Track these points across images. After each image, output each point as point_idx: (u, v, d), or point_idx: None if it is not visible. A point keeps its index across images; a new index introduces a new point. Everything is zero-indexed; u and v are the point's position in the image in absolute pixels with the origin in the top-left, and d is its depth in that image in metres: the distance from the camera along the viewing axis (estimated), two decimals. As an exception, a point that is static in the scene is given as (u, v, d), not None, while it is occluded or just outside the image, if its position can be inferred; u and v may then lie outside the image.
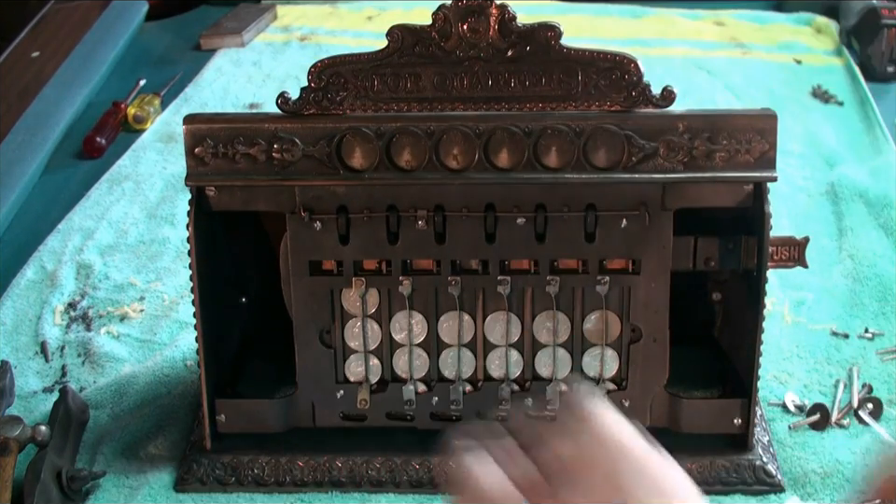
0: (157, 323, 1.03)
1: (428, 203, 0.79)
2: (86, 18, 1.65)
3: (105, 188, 1.26)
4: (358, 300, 0.81)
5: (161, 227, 1.18)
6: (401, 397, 0.83)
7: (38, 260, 1.13)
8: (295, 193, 0.79)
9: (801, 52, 1.58)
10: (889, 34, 1.47)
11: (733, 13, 1.72)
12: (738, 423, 0.83)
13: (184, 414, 0.90)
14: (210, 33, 1.66)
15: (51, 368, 0.97)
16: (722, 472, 0.82)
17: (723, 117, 0.77)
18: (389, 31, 0.77)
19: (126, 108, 1.42)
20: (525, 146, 0.77)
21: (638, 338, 0.82)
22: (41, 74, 1.48)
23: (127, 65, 1.60)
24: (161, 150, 1.35)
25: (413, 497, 0.82)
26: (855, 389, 0.91)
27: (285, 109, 0.78)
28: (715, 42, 1.64)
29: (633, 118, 0.77)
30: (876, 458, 0.83)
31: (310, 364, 0.83)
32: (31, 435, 0.81)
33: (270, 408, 0.84)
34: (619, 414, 0.55)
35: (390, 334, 0.82)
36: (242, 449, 0.84)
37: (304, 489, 0.82)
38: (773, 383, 0.92)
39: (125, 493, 0.82)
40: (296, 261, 0.81)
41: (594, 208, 0.78)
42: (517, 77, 0.77)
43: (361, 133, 0.77)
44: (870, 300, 1.03)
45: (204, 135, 0.78)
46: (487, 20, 0.75)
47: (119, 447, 0.86)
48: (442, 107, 0.78)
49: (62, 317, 1.04)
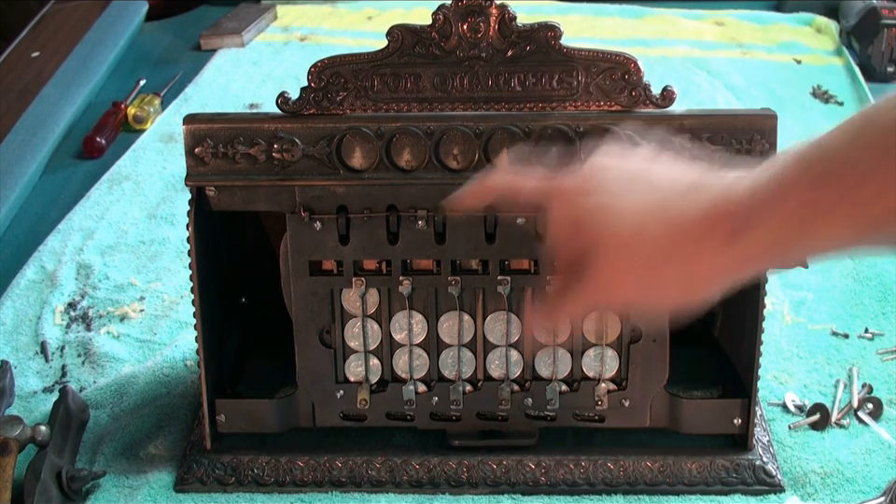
0: (157, 323, 1.03)
1: (428, 203, 0.79)
2: (86, 18, 1.65)
3: (105, 188, 1.26)
4: (358, 300, 0.81)
5: (161, 227, 1.18)
6: (401, 397, 0.83)
7: (38, 260, 1.13)
8: (295, 193, 0.79)
9: (801, 52, 1.58)
10: (889, 34, 1.47)
11: (733, 13, 1.72)
12: (738, 423, 0.83)
13: (184, 414, 0.90)
14: (210, 33, 1.66)
15: (51, 368, 0.97)
16: (722, 472, 0.82)
17: (723, 117, 0.77)
18: (389, 31, 0.77)
19: (126, 108, 1.42)
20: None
21: (638, 338, 0.82)
22: (41, 74, 1.48)
23: (127, 65, 1.60)
24: (161, 150, 1.35)
25: (413, 497, 0.82)
26: (855, 389, 0.91)
27: (285, 109, 0.78)
28: (715, 42, 1.64)
29: (633, 118, 0.77)
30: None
31: (310, 364, 0.83)
32: (31, 435, 0.81)
33: (270, 408, 0.84)
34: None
35: (390, 334, 0.82)
36: (242, 449, 0.84)
37: (304, 489, 0.82)
38: (773, 383, 0.92)
39: (125, 493, 0.82)
40: (296, 261, 0.81)
41: (594, 208, 0.78)
42: (517, 76, 0.77)
43: (361, 132, 0.77)
44: (870, 300, 1.03)
45: (204, 135, 0.78)
46: (487, 20, 0.76)
47: (118, 447, 0.87)
48: (442, 107, 0.78)
49: (62, 317, 1.04)
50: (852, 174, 0.48)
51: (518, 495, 0.82)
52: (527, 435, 0.84)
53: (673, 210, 0.55)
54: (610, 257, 0.58)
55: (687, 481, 0.82)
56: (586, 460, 0.82)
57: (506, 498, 0.81)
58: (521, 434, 0.84)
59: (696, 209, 0.54)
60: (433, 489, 0.82)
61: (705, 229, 0.53)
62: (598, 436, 0.86)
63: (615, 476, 0.82)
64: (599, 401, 0.82)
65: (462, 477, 0.82)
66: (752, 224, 0.51)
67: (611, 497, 0.81)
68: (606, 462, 0.82)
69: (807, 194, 0.49)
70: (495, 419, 0.84)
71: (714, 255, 0.53)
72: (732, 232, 0.52)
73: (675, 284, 0.56)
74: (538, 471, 0.82)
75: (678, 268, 0.55)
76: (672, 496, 0.81)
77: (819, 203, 0.49)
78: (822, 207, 0.49)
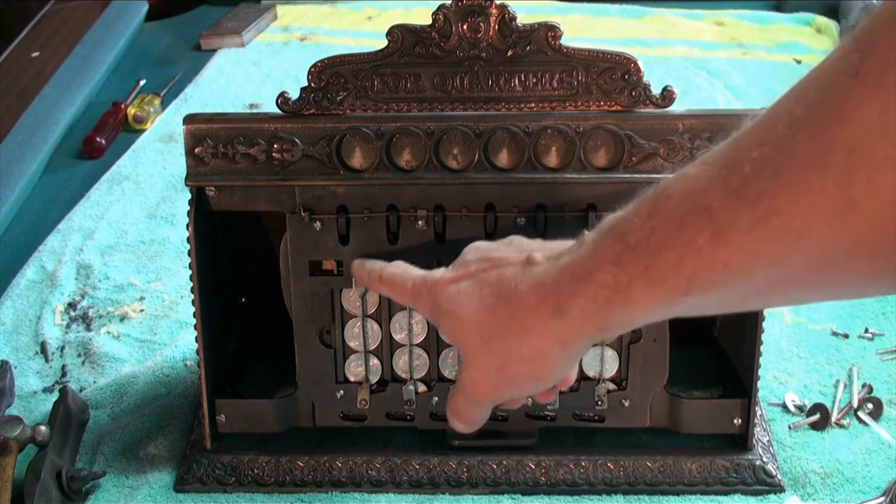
0: (157, 323, 1.03)
1: (428, 203, 0.79)
2: (86, 18, 1.65)
3: (105, 188, 1.26)
4: (358, 300, 0.81)
5: (161, 227, 1.18)
6: (401, 397, 0.83)
7: (38, 260, 1.13)
8: (295, 193, 0.79)
9: (801, 52, 1.58)
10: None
11: (733, 13, 1.72)
12: (738, 423, 0.83)
13: (184, 414, 0.90)
14: (210, 33, 1.66)
15: (51, 368, 0.97)
16: (722, 472, 0.82)
17: (723, 117, 0.77)
18: (389, 31, 0.77)
19: (126, 108, 1.42)
20: (525, 146, 0.77)
21: (638, 338, 0.82)
22: (41, 74, 1.48)
23: (127, 65, 1.60)
24: (161, 150, 1.35)
25: (413, 497, 0.82)
26: (855, 389, 0.91)
27: (285, 109, 0.78)
28: (715, 42, 1.64)
29: (633, 118, 0.77)
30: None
31: (310, 364, 0.83)
32: (31, 435, 0.81)
33: (270, 408, 0.84)
34: None
35: (390, 334, 0.82)
36: (242, 449, 0.84)
37: (304, 489, 0.82)
38: (773, 383, 0.92)
39: (125, 493, 0.82)
40: (296, 261, 0.81)
41: (594, 208, 0.78)
42: (517, 76, 0.77)
43: (361, 133, 0.77)
44: (870, 300, 1.03)
45: (204, 135, 0.78)
46: (487, 20, 0.75)
47: (119, 447, 0.87)
48: (442, 107, 0.78)
49: (62, 317, 1.04)
50: (646, 251, 0.50)
51: (518, 495, 0.82)
52: (527, 435, 0.84)
53: (508, 286, 0.59)
54: (463, 340, 0.62)
55: (687, 481, 0.82)
56: (586, 460, 0.82)
57: (506, 498, 0.81)
58: (521, 434, 0.84)
59: (526, 284, 0.58)
60: (433, 489, 0.82)
61: (534, 302, 0.57)
62: (598, 436, 0.86)
63: (615, 476, 0.82)
64: (599, 401, 0.82)
65: (462, 477, 0.82)
66: (572, 297, 0.54)
67: (611, 497, 0.81)
68: (606, 462, 0.82)
69: (610, 272, 0.52)
70: (495, 419, 0.84)
71: (546, 325, 0.56)
72: (556, 305, 0.55)
73: (523, 359, 0.59)
74: (538, 471, 0.82)
75: (519, 340, 0.58)
76: (672, 496, 0.81)
77: (619, 282, 0.51)
78: (624, 284, 0.51)
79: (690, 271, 0.48)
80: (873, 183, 0.40)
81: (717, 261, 0.47)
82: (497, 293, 0.59)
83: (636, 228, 0.51)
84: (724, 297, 0.49)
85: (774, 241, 0.44)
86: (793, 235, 0.44)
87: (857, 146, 0.41)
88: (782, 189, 0.43)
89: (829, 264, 0.44)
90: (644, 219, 0.50)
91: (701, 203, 0.47)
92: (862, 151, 0.40)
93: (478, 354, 0.62)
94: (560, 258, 0.56)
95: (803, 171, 0.43)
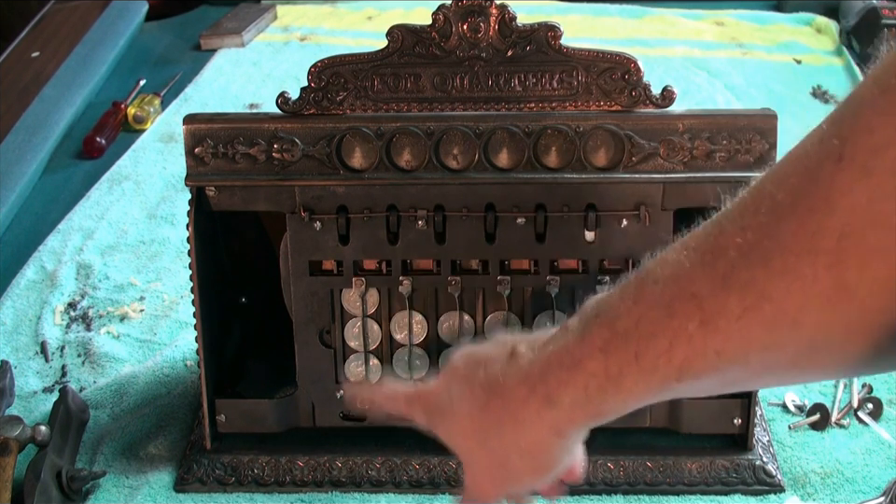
0: (157, 323, 1.03)
1: (428, 203, 0.79)
2: (86, 18, 1.65)
3: (105, 188, 1.26)
4: (358, 300, 0.81)
5: (161, 227, 1.18)
6: (401, 397, 0.83)
7: (38, 260, 1.13)
8: (295, 193, 0.79)
9: (801, 52, 1.58)
10: (888, 34, 1.47)
11: (733, 13, 1.72)
12: (738, 423, 0.83)
13: (184, 414, 0.90)
14: (210, 33, 1.66)
15: (51, 368, 0.97)
16: (722, 472, 0.82)
17: (723, 117, 0.77)
18: (389, 31, 0.77)
19: (126, 108, 1.42)
20: (525, 146, 0.77)
21: (638, 338, 0.81)
22: (41, 74, 1.48)
23: (127, 65, 1.60)
24: (161, 150, 1.35)
25: (413, 497, 0.82)
26: (855, 389, 0.91)
27: (284, 109, 0.78)
28: (715, 42, 1.64)
29: (633, 118, 0.77)
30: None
31: (310, 364, 0.83)
32: (31, 435, 0.81)
33: (270, 408, 0.84)
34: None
35: (390, 334, 0.82)
36: (242, 449, 0.84)
37: (304, 489, 0.82)
38: (773, 383, 0.92)
39: (125, 493, 0.82)
40: (296, 261, 0.81)
41: (594, 208, 0.78)
42: (517, 76, 0.77)
43: (361, 133, 0.77)
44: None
45: (204, 135, 0.78)
46: (487, 20, 0.75)
47: (119, 447, 0.87)
48: (442, 107, 0.78)
49: (62, 317, 1.04)
50: (635, 338, 0.49)
51: (518, 495, 0.82)
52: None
53: (496, 381, 0.57)
54: (460, 443, 0.62)
55: (687, 481, 0.82)
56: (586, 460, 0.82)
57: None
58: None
59: (513, 377, 0.56)
60: (433, 489, 0.82)
61: (524, 394, 0.55)
62: (598, 436, 0.85)
63: (615, 476, 0.82)
64: (599, 401, 0.82)
65: (462, 477, 0.82)
66: (561, 386, 0.53)
67: (611, 497, 0.81)
68: (606, 462, 0.82)
69: (600, 360, 0.50)
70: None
71: (539, 416, 0.55)
72: (546, 395, 0.54)
73: (521, 453, 0.58)
74: (538, 471, 0.82)
75: (514, 435, 0.57)
76: (672, 496, 0.81)
77: (610, 370, 0.50)
78: (615, 372, 0.50)
79: (681, 358, 0.47)
80: (866, 269, 0.40)
81: (709, 348, 0.46)
82: (487, 390, 0.58)
83: (623, 314, 0.49)
84: (719, 381, 0.48)
85: (766, 327, 0.44)
86: (787, 321, 0.43)
87: (847, 232, 0.40)
88: (772, 276, 0.43)
89: (825, 347, 0.44)
90: (630, 305, 0.49)
91: (688, 290, 0.46)
92: (853, 238, 0.40)
93: (476, 455, 0.61)
94: (545, 346, 0.55)
95: (792, 257, 0.42)
